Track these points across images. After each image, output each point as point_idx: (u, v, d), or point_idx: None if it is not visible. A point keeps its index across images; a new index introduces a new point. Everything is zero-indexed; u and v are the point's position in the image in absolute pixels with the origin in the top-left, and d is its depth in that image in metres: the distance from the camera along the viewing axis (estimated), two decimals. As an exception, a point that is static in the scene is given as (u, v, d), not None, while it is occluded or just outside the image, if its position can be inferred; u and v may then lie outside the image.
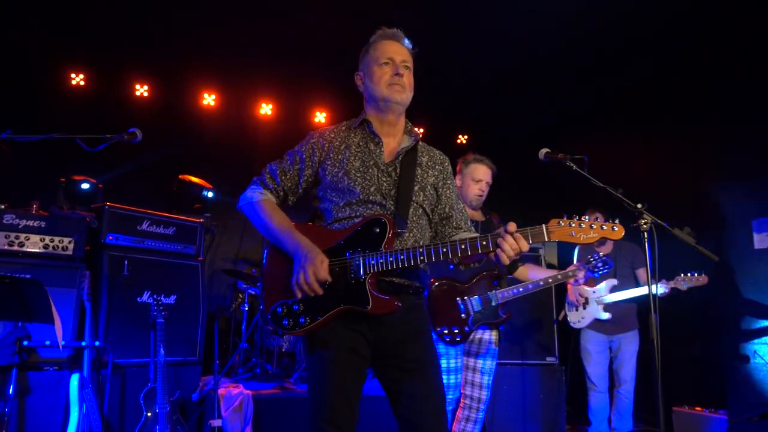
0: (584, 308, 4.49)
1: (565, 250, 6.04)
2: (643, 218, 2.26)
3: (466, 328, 3.15)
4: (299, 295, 1.84)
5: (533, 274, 3.50)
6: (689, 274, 3.98)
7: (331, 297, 1.83)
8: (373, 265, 1.82)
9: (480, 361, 3.31)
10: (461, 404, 3.31)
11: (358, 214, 1.94)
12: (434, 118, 6.55)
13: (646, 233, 2.25)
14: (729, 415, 4.56)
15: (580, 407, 5.05)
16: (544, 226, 1.76)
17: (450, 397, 3.15)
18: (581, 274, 3.48)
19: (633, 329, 4.57)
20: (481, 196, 3.36)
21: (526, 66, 5.67)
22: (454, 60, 5.50)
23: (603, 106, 6.13)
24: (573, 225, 1.75)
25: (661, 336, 2.21)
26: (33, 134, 2.11)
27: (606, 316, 4.40)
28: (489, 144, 6.53)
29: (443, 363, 3.13)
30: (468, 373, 3.30)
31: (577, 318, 4.53)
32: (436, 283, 3.22)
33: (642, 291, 4.36)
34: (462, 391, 3.30)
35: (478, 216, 3.41)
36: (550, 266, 5.24)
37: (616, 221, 1.79)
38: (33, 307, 2.17)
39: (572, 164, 2.42)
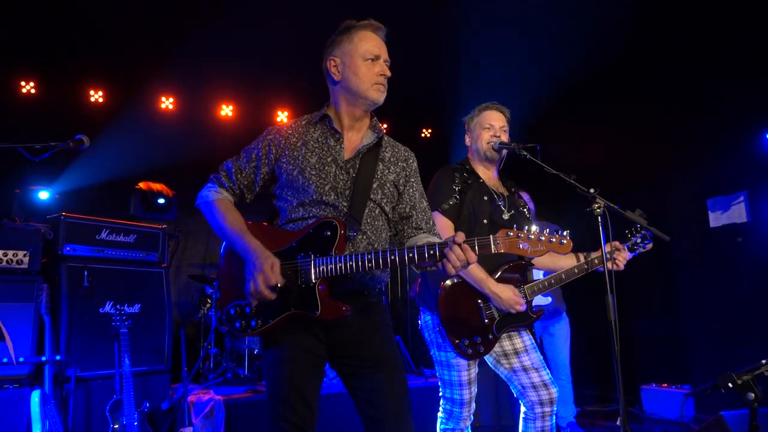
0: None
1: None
2: (597, 203, 2.31)
3: (490, 336, 2.51)
4: (254, 303, 1.82)
5: (559, 262, 2.78)
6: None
7: (283, 300, 1.80)
8: (323, 270, 1.79)
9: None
10: (524, 416, 2.62)
11: (311, 215, 1.89)
12: (397, 112, 6.52)
13: (600, 217, 2.30)
14: (692, 389, 4.73)
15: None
16: (491, 237, 1.71)
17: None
18: (622, 256, 2.62)
19: (560, 312, 4.49)
20: (491, 143, 2.67)
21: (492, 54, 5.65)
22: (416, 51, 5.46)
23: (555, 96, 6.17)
24: (521, 236, 1.71)
25: (624, 316, 2.22)
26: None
27: (546, 301, 4.25)
28: (456, 136, 6.53)
29: (455, 376, 2.55)
30: (520, 375, 2.57)
31: None
32: (449, 283, 2.53)
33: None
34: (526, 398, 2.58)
35: (502, 188, 2.78)
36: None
37: (565, 233, 1.77)
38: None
39: (525, 153, 2.44)
